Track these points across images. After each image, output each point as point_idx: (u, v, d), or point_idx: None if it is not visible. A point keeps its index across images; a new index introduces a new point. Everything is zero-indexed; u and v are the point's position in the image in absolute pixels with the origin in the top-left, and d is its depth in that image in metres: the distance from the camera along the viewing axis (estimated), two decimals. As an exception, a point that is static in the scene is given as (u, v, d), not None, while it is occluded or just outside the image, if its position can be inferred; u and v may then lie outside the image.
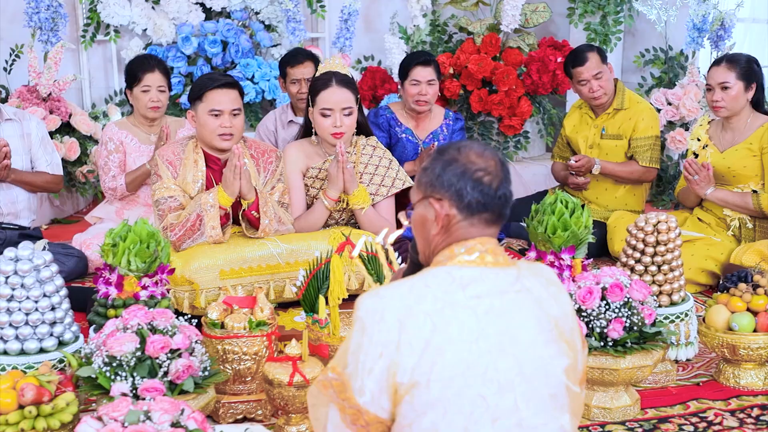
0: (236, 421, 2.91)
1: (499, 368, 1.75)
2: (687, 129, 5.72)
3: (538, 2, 6.09)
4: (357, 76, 6.08)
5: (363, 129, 4.04)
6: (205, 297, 3.47)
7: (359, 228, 3.89)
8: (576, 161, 4.76)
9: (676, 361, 3.29)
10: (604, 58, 4.74)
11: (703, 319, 3.22)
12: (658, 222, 3.22)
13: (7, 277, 2.72)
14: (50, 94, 5.31)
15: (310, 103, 3.89)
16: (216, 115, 3.64)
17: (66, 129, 5.41)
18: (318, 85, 3.86)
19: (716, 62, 4.26)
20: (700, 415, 2.95)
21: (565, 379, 1.85)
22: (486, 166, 1.86)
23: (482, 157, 1.87)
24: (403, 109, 4.87)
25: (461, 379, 1.73)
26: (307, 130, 4.00)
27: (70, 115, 5.40)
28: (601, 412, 2.90)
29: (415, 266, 2.12)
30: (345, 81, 3.86)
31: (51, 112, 5.29)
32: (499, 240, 4.93)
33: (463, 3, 6.10)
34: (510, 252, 4.86)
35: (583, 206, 3.27)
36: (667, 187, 5.78)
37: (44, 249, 2.89)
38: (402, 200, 4.07)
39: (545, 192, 5.29)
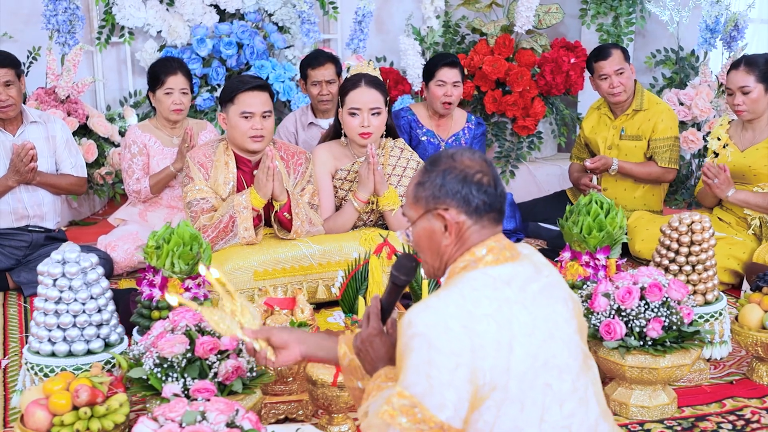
0: (278, 422, 2.93)
1: (555, 354, 1.82)
2: (699, 129, 5.76)
3: (550, 3, 6.12)
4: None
5: (391, 131, 4.06)
6: (240, 298, 3.47)
7: (388, 229, 3.91)
8: (592, 163, 4.78)
9: (708, 360, 3.33)
10: (627, 57, 4.78)
11: (736, 318, 3.25)
12: (692, 222, 3.25)
13: (54, 280, 2.74)
14: (68, 96, 5.31)
15: (340, 104, 3.91)
16: (247, 117, 3.66)
17: (83, 131, 5.41)
18: (348, 85, 3.89)
19: (734, 65, 4.25)
20: (737, 413, 2.97)
21: (588, 349, 1.96)
22: (481, 168, 1.90)
23: (474, 160, 1.91)
24: (425, 110, 4.88)
25: (531, 372, 1.77)
26: (336, 132, 4.02)
27: (87, 117, 5.39)
28: (640, 411, 2.93)
29: (397, 288, 2.12)
30: (374, 82, 3.89)
31: (69, 114, 5.29)
32: (518, 241, 4.97)
33: (477, 4, 6.12)
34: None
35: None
36: (680, 186, 5.81)
37: (71, 251, 2.90)
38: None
39: (560, 192, 5.33)
